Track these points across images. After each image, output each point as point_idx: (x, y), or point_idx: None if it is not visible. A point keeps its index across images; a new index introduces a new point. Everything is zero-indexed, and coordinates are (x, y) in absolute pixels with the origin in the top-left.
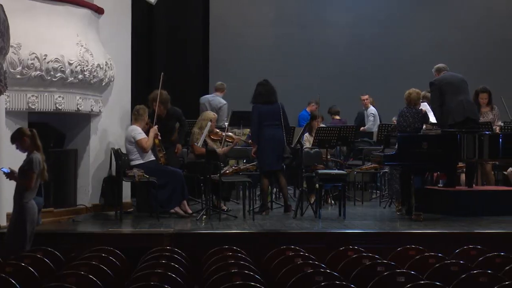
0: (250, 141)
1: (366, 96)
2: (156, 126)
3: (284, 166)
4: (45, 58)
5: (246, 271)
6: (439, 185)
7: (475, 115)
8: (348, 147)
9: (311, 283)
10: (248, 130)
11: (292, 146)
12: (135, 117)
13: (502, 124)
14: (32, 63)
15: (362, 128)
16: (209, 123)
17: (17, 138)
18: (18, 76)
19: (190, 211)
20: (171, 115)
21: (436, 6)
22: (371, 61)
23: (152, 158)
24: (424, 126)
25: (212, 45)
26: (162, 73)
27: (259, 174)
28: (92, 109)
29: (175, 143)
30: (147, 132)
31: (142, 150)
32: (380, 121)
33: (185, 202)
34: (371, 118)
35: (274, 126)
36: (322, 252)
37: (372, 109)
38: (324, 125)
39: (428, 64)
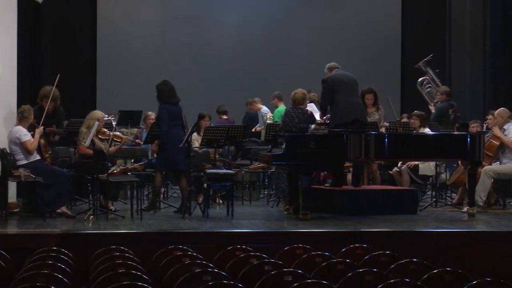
0: (137, 140)
1: (257, 99)
2: (42, 127)
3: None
4: None
5: (133, 271)
6: (326, 184)
7: (363, 117)
8: (236, 146)
9: (199, 282)
10: (136, 129)
11: (180, 146)
12: (19, 118)
13: (388, 125)
14: None
15: (255, 129)
16: (97, 123)
17: None
18: None
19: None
20: (55, 114)
21: (324, 7)
22: (260, 61)
23: (38, 157)
24: (312, 126)
25: (99, 45)
26: (58, 75)
27: (155, 172)
28: None
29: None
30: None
31: (27, 152)
32: None
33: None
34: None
35: (179, 126)
36: (210, 252)
37: (266, 109)
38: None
39: (316, 64)
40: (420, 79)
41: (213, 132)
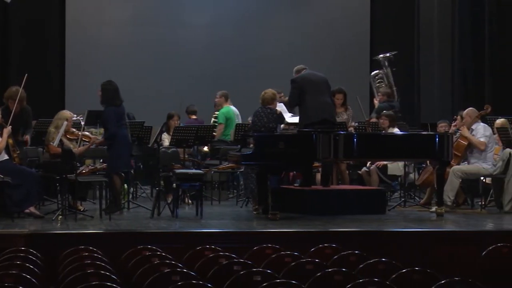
0: (101, 139)
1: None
2: (10, 126)
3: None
4: None
5: (102, 271)
6: (295, 184)
7: (332, 116)
8: (205, 146)
9: (168, 282)
10: None
11: (149, 145)
12: None
13: (356, 125)
14: None
15: None
16: (65, 122)
17: None
18: None
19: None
20: (23, 113)
21: (293, 7)
22: (229, 62)
23: (6, 157)
24: (282, 126)
25: (68, 45)
26: (26, 75)
27: (112, 175)
28: None
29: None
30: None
31: None
32: None
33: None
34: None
35: (125, 126)
36: (179, 252)
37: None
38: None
39: (286, 65)
40: (374, 71)
41: (182, 132)
